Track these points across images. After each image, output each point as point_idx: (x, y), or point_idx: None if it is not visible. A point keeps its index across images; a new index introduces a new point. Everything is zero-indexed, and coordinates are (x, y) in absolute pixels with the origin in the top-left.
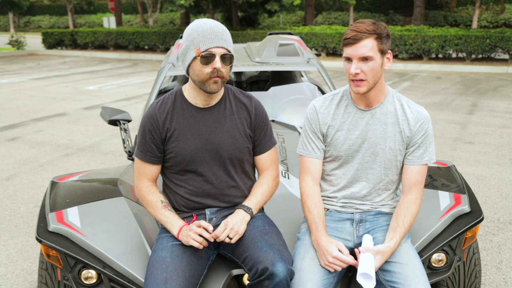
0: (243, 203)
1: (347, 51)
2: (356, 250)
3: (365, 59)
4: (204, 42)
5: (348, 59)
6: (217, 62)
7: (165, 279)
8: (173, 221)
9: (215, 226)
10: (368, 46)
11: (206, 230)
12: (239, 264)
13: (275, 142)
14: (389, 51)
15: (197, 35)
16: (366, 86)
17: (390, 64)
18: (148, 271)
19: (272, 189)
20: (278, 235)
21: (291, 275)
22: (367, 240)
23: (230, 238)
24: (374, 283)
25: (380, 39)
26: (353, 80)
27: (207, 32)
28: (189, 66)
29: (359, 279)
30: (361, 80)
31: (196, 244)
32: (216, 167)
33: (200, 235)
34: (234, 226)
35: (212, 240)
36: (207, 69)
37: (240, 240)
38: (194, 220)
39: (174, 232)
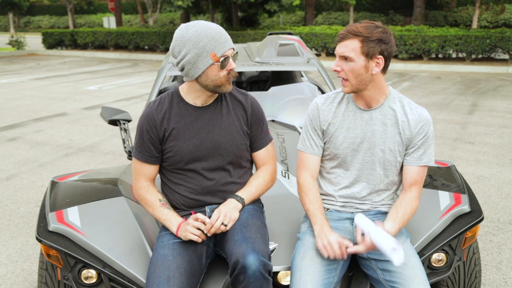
0: (235, 193)
1: (336, 48)
2: (359, 235)
3: (345, 58)
4: (219, 47)
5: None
6: (232, 64)
7: (168, 277)
8: (171, 219)
9: None
10: (349, 46)
11: (204, 223)
12: None
13: (271, 138)
14: (380, 56)
15: (208, 41)
16: (349, 87)
17: (378, 70)
18: (150, 270)
19: (268, 184)
20: (258, 228)
21: (265, 267)
22: (362, 219)
23: (225, 226)
24: (403, 253)
25: (366, 42)
26: (339, 78)
27: (217, 36)
28: (201, 73)
29: (391, 256)
30: (344, 79)
31: (194, 238)
32: (214, 165)
33: (198, 229)
34: (227, 213)
35: (208, 231)
36: (224, 72)
37: (224, 234)
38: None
39: (173, 229)
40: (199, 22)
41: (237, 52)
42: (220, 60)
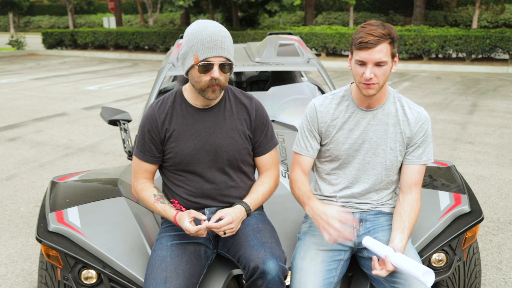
0: (244, 200)
1: (362, 55)
2: (374, 257)
3: (379, 64)
4: (202, 51)
5: (361, 63)
6: (215, 72)
7: (165, 278)
8: (166, 209)
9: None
10: (383, 51)
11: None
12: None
13: (276, 143)
14: (397, 54)
15: (196, 42)
16: (376, 89)
17: (396, 67)
18: (148, 271)
19: (272, 190)
20: (271, 232)
21: (283, 272)
22: (371, 242)
23: (224, 233)
24: (433, 273)
25: (392, 44)
26: (364, 83)
27: (206, 40)
28: (188, 71)
29: (423, 279)
30: (373, 83)
31: (194, 229)
32: (215, 168)
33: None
34: (234, 226)
35: (209, 227)
36: (206, 78)
37: (234, 239)
38: (182, 210)
39: (171, 219)
40: (201, 22)
41: (231, 63)
42: (199, 64)
